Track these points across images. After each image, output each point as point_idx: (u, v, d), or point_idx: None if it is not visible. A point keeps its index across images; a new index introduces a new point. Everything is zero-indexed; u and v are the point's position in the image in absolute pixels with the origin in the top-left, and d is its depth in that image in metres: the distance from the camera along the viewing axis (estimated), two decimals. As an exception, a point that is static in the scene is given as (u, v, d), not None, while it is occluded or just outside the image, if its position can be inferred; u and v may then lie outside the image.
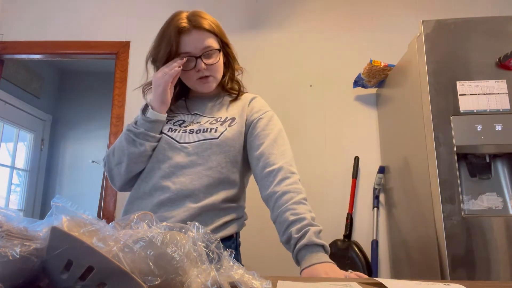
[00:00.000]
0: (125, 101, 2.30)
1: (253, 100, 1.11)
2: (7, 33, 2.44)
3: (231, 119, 1.05)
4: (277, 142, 1.00)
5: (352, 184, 2.05)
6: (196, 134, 1.02)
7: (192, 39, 1.01)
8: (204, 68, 1.02)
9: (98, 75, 4.12)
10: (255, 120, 1.05)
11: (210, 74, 1.04)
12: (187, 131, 1.02)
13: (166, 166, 0.99)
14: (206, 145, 0.99)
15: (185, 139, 1.01)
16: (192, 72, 1.04)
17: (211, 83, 1.06)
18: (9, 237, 0.43)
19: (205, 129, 1.02)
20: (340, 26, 2.34)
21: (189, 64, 1.03)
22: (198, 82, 1.05)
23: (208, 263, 0.49)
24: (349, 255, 1.85)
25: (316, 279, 0.70)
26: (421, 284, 0.62)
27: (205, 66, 1.02)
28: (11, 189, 3.64)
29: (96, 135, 4.08)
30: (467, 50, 1.44)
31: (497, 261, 1.26)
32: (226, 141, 1.00)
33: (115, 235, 0.45)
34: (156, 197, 0.97)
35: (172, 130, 1.03)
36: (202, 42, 1.02)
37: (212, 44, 1.03)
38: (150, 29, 2.43)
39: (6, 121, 3.47)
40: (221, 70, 1.09)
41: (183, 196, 0.96)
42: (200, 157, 0.99)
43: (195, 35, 1.01)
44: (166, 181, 0.97)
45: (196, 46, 1.01)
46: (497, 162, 1.42)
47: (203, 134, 1.01)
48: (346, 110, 2.22)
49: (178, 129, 1.03)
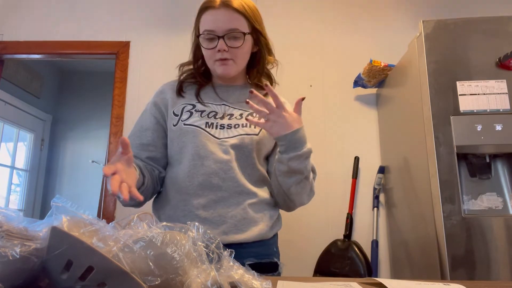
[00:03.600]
0: (125, 101, 2.30)
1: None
2: (7, 33, 2.44)
3: None
4: None
5: (352, 184, 2.05)
6: (235, 128, 0.98)
7: (218, 17, 0.95)
8: (224, 50, 0.96)
9: (98, 75, 4.12)
10: None
11: (231, 57, 0.98)
12: (225, 126, 0.99)
13: (211, 163, 0.94)
14: (247, 140, 0.97)
15: (224, 134, 0.98)
16: (213, 51, 0.98)
17: (230, 67, 0.99)
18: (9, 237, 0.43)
19: (244, 124, 0.99)
20: (340, 26, 2.34)
21: (212, 43, 0.97)
22: (217, 64, 0.99)
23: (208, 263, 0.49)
24: (349, 255, 1.85)
25: (316, 279, 0.70)
26: (421, 284, 0.62)
27: (226, 47, 0.95)
28: (11, 189, 3.64)
29: (96, 135, 4.08)
30: (467, 50, 1.44)
31: (497, 261, 1.26)
32: (264, 138, 0.99)
33: (115, 235, 0.45)
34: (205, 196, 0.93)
35: (209, 125, 0.98)
36: (228, 22, 0.95)
37: (240, 27, 0.96)
38: (150, 29, 2.46)
39: (6, 121, 3.46)
40: (245, 56, 1.02)
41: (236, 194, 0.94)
42: (240, 152, 0.96)
43: (222, 12, 0.95)
44: (214, 178, 0.94)
45: (220, 25, 0.95)
46: (497, 162, 1.42)
47: (243, 128, 0.98)
48: (346, 110, 2.22)
49: (215, 123, 0.99)
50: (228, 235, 0.91)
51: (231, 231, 0.92)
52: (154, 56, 2.31)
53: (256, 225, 0.95)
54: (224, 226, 0.92)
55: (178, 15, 2.36)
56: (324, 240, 1.94)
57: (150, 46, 2.33)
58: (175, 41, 2.30)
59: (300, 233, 1.98)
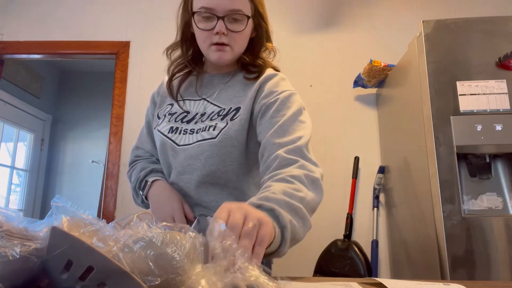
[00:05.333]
0: (125, 101, 2.30)
1: (266, 81, 0.90)
2: (7, 33, 2.44)
3: (235, 110, 0.88)
4: (283, 129, 0.81)
5: (352, 184, 2.05)
6: (196, 133, 0.88)
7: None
8: (223, 33, 0.84)
9: (98, 75, 4.12)
10: (263, 107, 0.86)
11: (229, 43, 0.86)
12: (187, 131, 0.90)
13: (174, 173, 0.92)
14: (203, 146, 0.86)
15: (184, 140, 0.90)
16: (209, 33, 0.86)
17: (227, 54, 0.88)
18: (9, 237, 0.43)
19: (204, 128, 0.88)
20: (340, 26, 2.34)
21: (208, 24, 0.85)
22: (212, 49, 0.87)
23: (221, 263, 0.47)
24: (349, 255, 1.85)
25: (316, 279, 0.70)
26: (421, 284, 0.62)
27: (225, 30, 0.84)
28: (11, 189, 3.64)
29: (96, 135, 4.08)
30: (467, 50, 1.44)
31: (497, 261, 1.26)
32: (225, 141, 0.85)
33: (115, 235, 0.45)
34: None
35: (173, 130, 0.92)
36: (231, 1, 0.83)
37: (243, 8, 0.85)
38: (150, 29, 2.46)
39: (6, 121, 3.47)
40: (244, 42, 0.90)
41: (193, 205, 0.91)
42: (197, 161, 0.86)
43: None
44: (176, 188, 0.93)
45: (221, 3, 0.83)
46: (497, 162, 1.42)
47: (201, 133, 0.87)
48: (346, 110, 2.22)
49: (179, 128, 0.91)
50: None
51: None
52: (154, 56, 2.31)
53: None
54: None
55: (178, 15, 2.36)
56: (324, 240, 1.94)
57: (150, 46, 2.34)
58: (175, 41, 2.30)
59: (300, 233, 1.97)
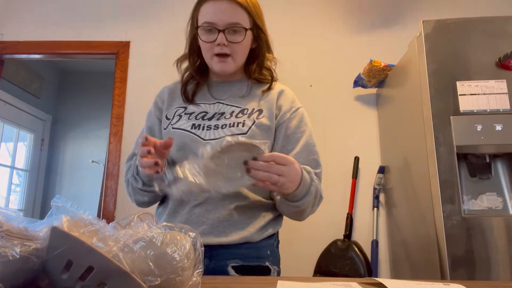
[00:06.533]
0: (125, 101, 2.30)
1: (282, 94, 1.02)
2: (7, 33, 2.44)
3: (258, 111, 0.96)
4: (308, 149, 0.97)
5: (352, 184, 2.05)
6: (222, 129, 0.93)
7: (220, 9, 0.91)
8: (224, 44, 0.92)
9: (98, 75, 4.12)
10: (286, 119, 0.98)
11: (230, 53, 0.94)
12: (211, 127, 0.94)
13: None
14: None
15: (210, 135, 0.94)
16: (211, 45, 0.94)
17: (229, 64, 0.96)
18: (9, 237, 0.43)
19: (232, 124, 0.94)
20: (340, 26, 2.34)
21: (211, 36, 0.93)
22: (215, 59, 0.95)
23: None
24: (349, 255, 1.85)
25: (316, 279, 0.70)
26: (421, 284, 0.62)
27: (226, 42, 0.92)
28: (11, 189, 3.64)
29: (96, 135, 4.08)
30: (467, 50, 1.44)
31: (497, 261, 1.26)
32: (255, 136, 0.92)
33: (115, 235, 0.45)
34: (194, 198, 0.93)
35: (196, 127, 0.95)
36: (230, 15, 0.91)
37: (241, 21, 0.93)
38: (150, 29, 2.46)
39: (6, 121, 3.46)
40: (244, 52, 0.99)
41: (221, 196, 0.91)
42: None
43: (224, 5, 0.91)
44: None
45: (222, 17, 0.91)
46: (497, 162, 1.42)
47: (230, 129, 0.93)
48: (346, 110, 2.22)
49: (202, 124, 0.96)
50: (207, 237, 0.89)
51: (211, 233, 0.89)
52: (154, 56, 2.31)
53: (240, 229, 0.91)
54: (202, 227, 0.90)
55: (179, 15, 2.36)
56: (324, 240, 1.94)
57: (150, 46, 2.34)
58: (175, 41, 2.30)
59: (300, 233, 1.97)
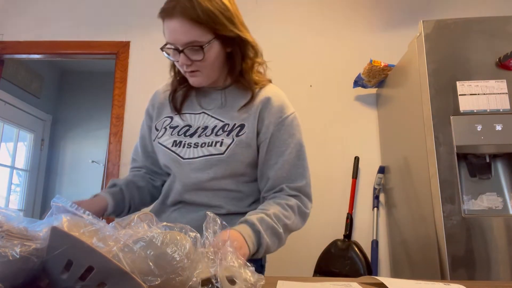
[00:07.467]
0: (125, 101, 2.30)
1: (268, 103, 0.95)
2: (7, 33, 2.44)
3: (239, 127, 0.93)
4: (291, 163, 0.96)
5: (352, 184, 2.05)
6: (201, 147, 0.92)
7: (174, 28, 0.84)
8: (187, 64, 0.88)
9: (98, 75, 4.12)
10: (269, 133, 0.93)
11: (197, 69, 0.90)
12: (191, 145, 0.93)
13: (179, 185, 0.96)
14: (212, 161, 0.90)
15: (189, 154, 0.93)
16: (179, 64, 0.91)
17: (201, 78, 0.92)
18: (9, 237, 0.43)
19: (210, 143, 0.92)
20: (340, 26, 2.34)
21: (175, 56, 0.89)
22: (187, 74, 0.93)
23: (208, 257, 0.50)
24: (349, 255, 1.85)
25: (316, 279, 0.70)
26: (421, 284, 0.62)
27: (188, 61, 0.88)
28: (11, 189, 3.64)
29: (96, 135, 4.08)
30: (467, 50, 1.44)
31: (497, 261, 1.26)
32: (233, 156, 0.90)
33: (115, 235, 0.45)
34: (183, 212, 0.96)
35: (177, 144, 0.95)
36: (185, 34, 0.84)
37: (198, 38, 0.84)
38: (150, 29, 2.45)
39: (6, 121, 3.46)
40: (212, 66, 0.91)
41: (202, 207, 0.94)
42: (204, 174, 0.91)
43: (178, 24, 0.83)
44: (185, 196, 0.96)
45: (177, 37, 0.85)
46: (497, 162, 1.42)
47: (208, 148, 0.91)
48: (346, 110, 2.22)
49: (183, 142, 0.95)
50: None
51: None
52: (154, 56, 2.30)
53: None
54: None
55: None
56: (324, 240, 1.94)
57: (150, 46, 2.33)
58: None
59: (300, 233, 1.96)
